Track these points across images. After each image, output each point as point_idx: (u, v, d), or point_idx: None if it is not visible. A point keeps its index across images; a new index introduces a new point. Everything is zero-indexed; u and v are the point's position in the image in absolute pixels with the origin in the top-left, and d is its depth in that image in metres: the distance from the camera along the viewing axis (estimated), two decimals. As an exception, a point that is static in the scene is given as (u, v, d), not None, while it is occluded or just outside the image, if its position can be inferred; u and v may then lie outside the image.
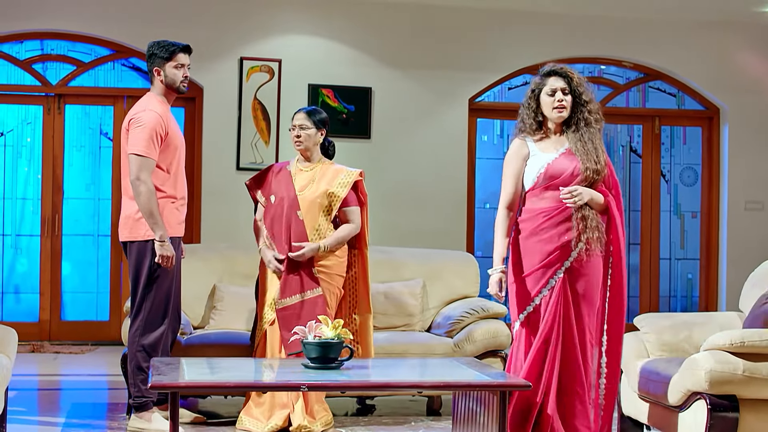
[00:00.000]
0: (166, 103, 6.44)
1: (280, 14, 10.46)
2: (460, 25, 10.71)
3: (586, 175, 5.40)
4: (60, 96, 10.36)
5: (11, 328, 6.21)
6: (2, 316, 10.40)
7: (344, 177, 6.63)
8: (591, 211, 5.39)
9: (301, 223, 6.49)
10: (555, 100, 5.46)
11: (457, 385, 5.20)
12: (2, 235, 10.41)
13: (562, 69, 5.55)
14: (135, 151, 6.21)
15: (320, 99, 10.48)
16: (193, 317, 7.30)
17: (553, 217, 5.41)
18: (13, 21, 10.08)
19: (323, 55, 10.53)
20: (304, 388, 5.03)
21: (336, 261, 6.55)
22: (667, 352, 6.05)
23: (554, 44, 10.89)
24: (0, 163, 10.38)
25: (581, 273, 5.40)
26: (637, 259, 11.30)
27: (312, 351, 5.47)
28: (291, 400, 6.36)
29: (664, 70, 11.20)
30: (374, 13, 10.57)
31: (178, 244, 6.40)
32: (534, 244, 5.43)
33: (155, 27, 10.08)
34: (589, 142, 5.43)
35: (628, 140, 11.38)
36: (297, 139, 6.63)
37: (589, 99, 5.56)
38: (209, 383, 5.07)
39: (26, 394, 7.63)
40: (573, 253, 5.40)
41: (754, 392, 5.30)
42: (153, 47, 6.44)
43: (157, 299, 6.26)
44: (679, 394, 5.48)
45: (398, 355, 6.88)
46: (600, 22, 10.92)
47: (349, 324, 6.60)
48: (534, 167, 5.47)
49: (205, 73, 10.33)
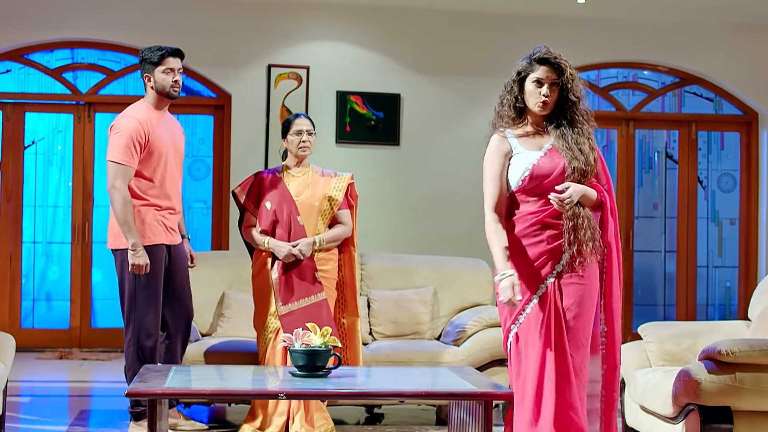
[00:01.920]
0: (155, 110, 6.36)
1: (308, 21, 10.43)
2: (491, 29, 10.60)
3: (573, 176, 4.88)
4: (90, 104, 10.44)
5: (8, 334, 6.22)
6: (34, 323, 10.50)
7: (339, 181, 6.63)
8: (584, 213, 4.86)
9: (302, 228, 6.47)
10: (541, 92, 4.89)
11: (437, 393, 5.11)
12: (34, 243, 10.50)
13: (556, 59, 4.91)
14: (111, 158, 6.18)
15: (348, 106, 10.44)
16: (202, 324, 7.29)
17: (541, 219, 4.89)
18: (44, 30, 10.17)
19: (351, 61, 10.49)
20: (282, 396, 4.98)
21: (333, 265, 6.57)
22: (668, 361, 5.91)
23: (587, 49, 10.73)
24: (31, 171, 10.47)
25: (574, 280, 4.88)
26: (673, 267, 11.10)
27: (298, 359, 5.41)
28: (291, 408, 6.32)
29: (700, 74, 10.99)
30: (403, 19, 10.50)
31: (165, 251, 6.34)
32: (523, 248, 4.92)
33: (183, 35, 10.09)
34: (574, 141, 4.90)
35: (664, 146, 11.19)
36: (303, 144, 6.57)
37: (578, 97, 4.93)
38: (185, 390, 5.03)
39: (39, 400, 7.69)
40: (564, 258, 4.87)
41: (749, 404, 5.14)
42: (143, 52, 6.39)
43: (146, 307, 6.23)
44: (674, 405, 5.33)
45: (402, 363, 6.80)
46: (634, 26, 10.75)
47: (337, 328, 6.56)
48: (518, 168, 4.93)
49: (233, 80, 10.35)
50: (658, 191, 11.18)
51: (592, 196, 4.91)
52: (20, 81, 10.46)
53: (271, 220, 6.52)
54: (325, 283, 6.49)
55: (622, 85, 11.12)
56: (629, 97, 11.13)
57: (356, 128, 10.44)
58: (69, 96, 10.43)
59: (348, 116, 10.44)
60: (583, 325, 4.88)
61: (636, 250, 11.05)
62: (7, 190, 10.34)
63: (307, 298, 6.41)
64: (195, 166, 10.66)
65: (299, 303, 6.41)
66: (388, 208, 10.43)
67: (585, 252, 4.87)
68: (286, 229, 6.47)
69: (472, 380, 5.32)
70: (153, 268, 6.21)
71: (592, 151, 4.96)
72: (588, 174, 4.92)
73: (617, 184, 10.98)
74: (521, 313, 4.90)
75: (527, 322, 4.89)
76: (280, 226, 6.48)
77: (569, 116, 4.94)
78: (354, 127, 10.44)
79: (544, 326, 4.84)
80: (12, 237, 10.36)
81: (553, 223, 4.90)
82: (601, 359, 4.96)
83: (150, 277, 6.22)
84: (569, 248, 4.87)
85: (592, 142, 4.98)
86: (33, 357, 9.86)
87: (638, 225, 11.07)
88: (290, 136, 6.60)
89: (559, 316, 4.87)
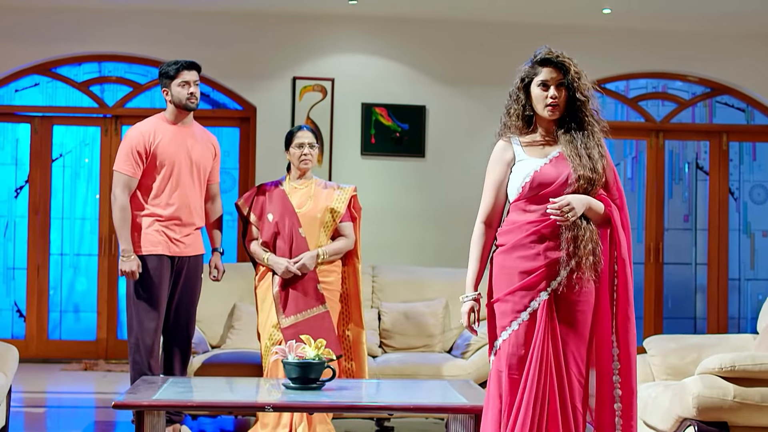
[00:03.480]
0: (170, 122, 6.47)
1: (333, 33, 10.43)
2: (516, 40, 10.52)
3: (579, 184, 4.46)
4: (117, 117, 10.51)
5: (12, 345, 6.30)
6: (61, 334, 10.57)
7: (342, 193, 6.60)
8: (588, 228, 4.42)
9: (303, 241, 6.46)
10: (548, 95, 4.53)
11: (421, 407, 5.05)
12: (61, 255, 10.57)
13: (559, 57, 4.57)
14: (114, 166, 6.38)
15: (374, 118, 10.41)
16: (212, 336, 7.30)
17: (539, 230, 4.47)
18: (72, 44, 10.26)
19: (377, 73, 10.47)
20: (269, 408, 4.96)
21: (336, 277, 6.54)
22: (672, 375, 5.81)
23: (615, 59, 10.63)
24: (59, 184, 10.55)
25: (569, 300, 4.43)
26: (704, 279, 10.94)
27: (292, 371, 5.40)
28: (293, 421, 6.28)
29: (731, 84, 10.83)
30: (428, 30, 10.46)
31: (168, 262, 6.35)
32: (514, 260, 4.49)
33: (209, 48, 10.18)
34: (583, 146, 4.50)
35: (694, 157, 11.04)
36: (305, 158, 6.57)
37: (586, 96, 4.58)
38: (171, 402, 5.02)
39: (52, 411, 7.73)
40: (561, 275, 4.43)
41: (746, 419, 5.04)
42: (161, 67, 6.51)
43: (142, 316, 6.26)
44: (671, 420, 5.25)
45: (409, 376, 6.76)
46: (663, 36, 10.62)
47: (342, 340, 6.53)
48: (519, 175, 4.55)
49: (258, 93, 10.37)
50: (688, 203, 11.03)
51: (598, 210, 4.47)
52: (48, 94, 10.56)
53: (273, 232, 6.50)
54: (328, 295, 6.46)
55: (651, 95, 10.99)
56: (659, 107, 10.99)
57: (381, 140, 10.41)
58: (96, 109, 10.51)
59: (373, 128, 10.42)
60: (578, 351, 4.44)
61: (666, 262, 10.91)
62: (35, 202, 10.43)
63: (309, 310, 6.39)
64: (221, 178, 10.64)
65: (302, 315, 6.38)
66: (413, 220, 10.38)
67: (585, 267, 4.41)
68: (287, 242, 6.45)
69: (467, 394, 5.28)
70: (148, 277, 6.26)
71: (602, 158, 4.53)
72: (595, 182, 4.49)
73: (647, 195, 10.86)
74: (506, 329, 4.49)
75: (514, 341, 4.44)
76: (281, 238, 6.47)
77: (579, 117, 4.56)
78: (379, 139, 10.40)
79: (533, 348, 4.39)
80: (40, 249, 10.44)
81: (551, 236, 4.45)
82: (618, 385, 4.45)
83: (145, 287, 6.27)
84: (568, 263, 4.42)
85: (603, 149, 4.56)
86: (58, 368, 9.93)
87: (668, 237, 10.93)
88: (292, 148, 6.59)
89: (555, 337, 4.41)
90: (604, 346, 4.47)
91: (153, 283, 6.28)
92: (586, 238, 4.41)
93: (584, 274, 4.42)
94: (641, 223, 10.90)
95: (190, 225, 6.45)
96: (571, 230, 4.42)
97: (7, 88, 10.44)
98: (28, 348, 10.37)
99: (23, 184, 10.52)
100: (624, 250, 4.47)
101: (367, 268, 7.86)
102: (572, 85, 4.52)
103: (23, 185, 10.52)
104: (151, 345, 6.26)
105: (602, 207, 4.48)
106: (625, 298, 4.46)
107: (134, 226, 6.33)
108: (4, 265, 10.53)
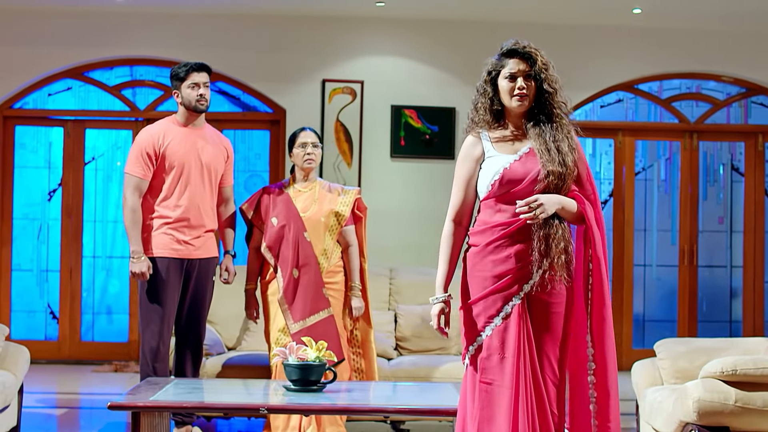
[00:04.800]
0: (181, 125, 6.49)
1: (363, 36, 10.43)
2: (547, 42, 10.34)
3: (548, 180, 4.35)
4: (148, 120, 10.55)
5: (23, 346, 6.37)
6: (94, 336, 10.65)
7: (346, 196, 6.56)
8: (560, 226, 4.35)
9: (309, 245, 6.43)
10: (515, 86, 4.43)
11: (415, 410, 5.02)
12: (94, 257, 10.66)
13: (525, 48, 4.48)
14: (124, 168, 6.41)
15: (403, 120, 10.39)
16: (228, 338, 7.32)
17: (510, 231, 4.35)
18: (104, 48, 10.35)
19: (406, 75, 10.45)
20: (264, 410, 4.96)
21: (341, 277, 6.54)
22: (680, 379, 5.72)
23: (648, 59, 10.53)
24: (91, 187, 10.64)
25: (543, 301, 4.34)
26: (739, 282, 10.79)
27: (292, 373, 5.40)
28: (302, 423, 6.26)
29: (767, 84, 10.67)
30: (457, 32, 10.42)
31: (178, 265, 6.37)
32: (486, 263, 4.38)
33: (239, 51, 10.25)
34: (552, 139, 4.40)
35: (729, 158, 10.89)
36: (309, 157, 6.52)
37: (554, 88, 4.46)
38: (166, 404, 5.03)
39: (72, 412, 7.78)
40: (534, 277, 4.33)
41: (748, 424, 4.96)
42: (172, 70, 6.53)
43: (150, 317, 6.29)
44: (673, 425, 5.18)
45: (421, 379, 6.73)
46: (697, 36, 10.49)
47: (351, 341, 6.51)
48: (489, 172, 4.42)
49: (287, 95, 10.39)
50: (723, 205, 10.89)
51: (571, 208, 4.38)
52: (81, 98, 10.66)
53: (278, 237, 6.47)
54: (334, 295, 6.45)
55: (685, 96, 10.86)
56: (693, 108, 10.86)
57: (411, 142, 10.38)
58: (128, 113, 10.59)
59: (403, 130, 10.40)
60: (553, 354, 4.34)
61: (700, 265, 10.77)
62: (68, 205, 10.54)
63: (316, 315, 6.35)
64: (251, 180, 10.73)
65: (310, 320, 6.35)
66: (441, 223, 10.28)
67: (557, 266, 4.32)
68: (293, 246, 6.41)
69: (467, 397, 5.23)
70: (156, 279, 6.29)
71: (573, 150, 4.42)
72: (566, 177, 4.38)
73: (680, 197, 10.73)
74: (480, 334, 4.37)
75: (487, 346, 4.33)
76: (286, 242, 6.43)
77: (547, 110, 4.45)
78: (409, 141, 10.38)
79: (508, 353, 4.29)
80: (73, 251, 10.54)
81: (523, 237, 4.35)
82: (592, 386, 4.34)
83: (153, 288, 6.30)
84: (541, 263, 4.32)
85: (573, 141, 4.45)
86: (90, 370, 10.02)
87: (702, 239, 10.79)
88: (295, 149, 6.54)
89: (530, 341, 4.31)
90: (579, 346, 4.38)
91: (161, 286, 6.31)
92: (558, 236, 4.34)
93: (557, 274, 4.33)
94: (675, 226, 10.77)
95: (200, 227, 6.45)
96: (542, 228, 4.33)
97: (40, 92, 10.56)
98: (61, 349, 10.49)
99: (56, 187, 10.63)
100: (599, 249, 4.38)
101: (385, 271, 7.84)
102: (539, 76, 4.44)
103: (56, 188, 10.63)
104: (156, 347, 6.28)
105: (575, 205, 4.40)
106: (601, 297, 4.35)
107: (144, 227, 6.37)
108: (38, 267, 10.64)
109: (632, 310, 10.70)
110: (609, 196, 10.75)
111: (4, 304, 10.46)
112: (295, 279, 6.38)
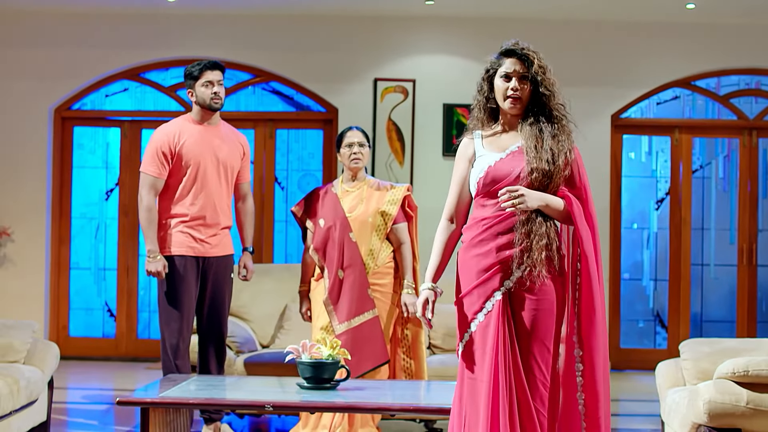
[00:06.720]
0: (196, 123, 6.53)
1: (414, 34, 10.42)
2: (600, 39, 10.36)
3: (532, 178, 4.33)
4: (203, 121, 10.67)
5: (53, 344, 6.45)
6: (150, 334, 10.79)
7: (393, 194, 6.47)
8: (544, 223, 4.32)
9: (354, 246, 6.36)
10: (509, 86, 4.42)
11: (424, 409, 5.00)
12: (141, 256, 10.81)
13: (524, 50, 4.45)
14: (140, 168, 6.45)
15: (455, 118, 10.36)
16: (263, 336, 7.36)
17: (493, 226, 4.35)
18: (159, 50, 10.50)
19: (458, 74, 10.41)
20: (269, 407, 4.98)
21: (390, 279, 6.44)
22: (702, 380, 5.58)
23: (705, 55, 10.37)
24: (148, 187, 10.76)
25: (527, 300, 4.29)
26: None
27: (305, 371, 5.42)
28: (333, 422, 6.25)
29: (828, 79, 10.46)
30: (509, 29, 10.32)
31: (195, 263, 6.42)
32: (472, 258, 4.37)
33: (291, 52, 10.34)
34: (548, 138, 4.36)
35: (789, 156, 10.68)
36: (355, 157, 6.48)
37: (551, 91, 4.43)
38: (175, 400, 5.08)
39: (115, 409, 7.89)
40: (515, 274, 4.30)
41: (760, 426, 4.85)
42: (186, 69, 6.56)
43: (168, 315, 6.35)
44: (687, 426, 5.08)
45: (451, 378, 6.68)
46: (754, 30, 10.30)
47: (401, 340, 6.47)
48: (477, 171, 4.43)
49: (339, 94, 10.43)
50: (782, 204, 10.67)
51: (557, 207, 4.35)
52: (137, 99, 10.82)
53: (324, 238, 6.43)
54: (380, 297, 6.38)
55: (743, 92, 10.65)
56: (752, 105, 10.65)
57: (463, 141, 10.32)
58: (183, 113, 10.67)
59: (455, 129, 10.37)
60: (539, 353, 4.28)
61: (760, 264, 10.57)
62: (124, 204, 10.70)
63: (360, 316, 6.30)
64: (305, 180, 10.78)
65: (355, 321, 6.31)
66: (492, 221, 10.26)
67: (538, 263, 4.28)
68: (338, 247, 6.36)
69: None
70: (173, 278, 6.33)
71: (569, 152, 4.40)
72: (553, 175, 4.34)
73: (739, 195, 10.54)
74: (466, 330, 4.39)
75: (471, 342, 4.36)
76: (331, 243, 6.39)
77: (547, 112, 4.42)
78: (461, 139, 10.33)
79: (487, 352, 4.26)
80: (130, 250, 10.70)
81: (505, 231, 4.33)
82: (580, 388, 4.29)
83: (170, 287, 6.36)
84: (522, 259, 4.29)
85: (568, 142, 4.41)
86: (143, 367, 10.16)
87: (762, 238, 10.58)
88: (342, 149, 6.50)
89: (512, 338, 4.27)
90: (566, 347, 4.32)
91: (178, 284, 6.36)
92: (540, 232, 4.31)
93: (536, 269, 4.28)
94: (734, 224, 10.59)
95: (215, 225, 6.48)
96: (525, 225, 4.32)
97: (97, 93, 10.74)
98: (118, 347, 10.66)
99: (113, 186, 10.80)
100: (588, 246, 4.32)
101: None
102: (536, 78, 4.41)
103: (113, 188, 10.80)
104: (176, 344, 6.33)
105: (561, 203, 4.36)
106: (590, 296, 4.29)
107: (161, 226, 6.43)
108: (96, 265, 10.82)
109: (689, 311, 10.54)
110: (666, 194, 10.60)
111: (63, 301, 10.66)
112: (340, 280, 6.36)
